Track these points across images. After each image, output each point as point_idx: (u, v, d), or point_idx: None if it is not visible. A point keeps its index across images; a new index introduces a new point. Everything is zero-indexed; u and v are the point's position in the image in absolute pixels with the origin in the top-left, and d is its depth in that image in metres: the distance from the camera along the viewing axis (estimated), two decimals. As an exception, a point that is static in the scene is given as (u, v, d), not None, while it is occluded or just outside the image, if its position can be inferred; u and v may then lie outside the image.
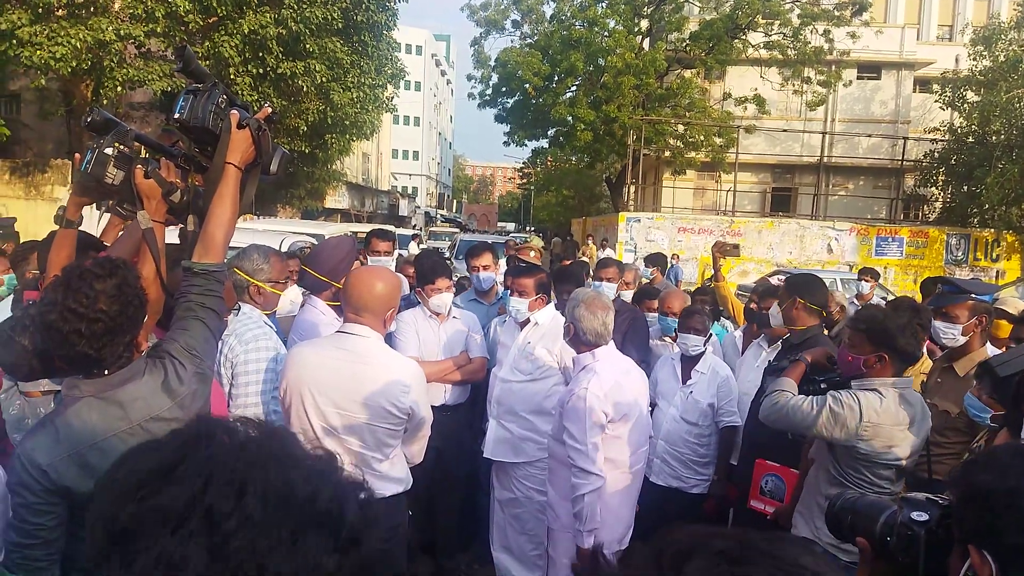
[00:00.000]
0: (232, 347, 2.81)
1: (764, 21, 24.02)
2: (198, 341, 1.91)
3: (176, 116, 2.06)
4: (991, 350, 3.75)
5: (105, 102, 14.40)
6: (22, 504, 1.67)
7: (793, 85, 24.41)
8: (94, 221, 3.00)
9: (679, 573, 0.59)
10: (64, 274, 1.72)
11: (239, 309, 2.84)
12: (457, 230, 38.78)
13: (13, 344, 2.12)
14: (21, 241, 5.04)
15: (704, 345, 4.16)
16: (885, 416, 2.63)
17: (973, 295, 3.59)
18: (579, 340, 3.22)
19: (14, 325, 2.14)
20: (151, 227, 2.21)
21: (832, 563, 1.25)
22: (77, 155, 2.27)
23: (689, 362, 4.19)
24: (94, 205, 2.76)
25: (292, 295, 3.20)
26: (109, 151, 2.15)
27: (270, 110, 2.13)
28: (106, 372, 1.76)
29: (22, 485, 1.67)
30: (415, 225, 46.51)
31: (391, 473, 2.66)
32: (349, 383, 2.57)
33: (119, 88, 13.47)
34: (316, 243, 10.11)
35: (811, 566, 0.60)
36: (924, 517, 1.20)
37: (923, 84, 27.89)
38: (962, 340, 3.44)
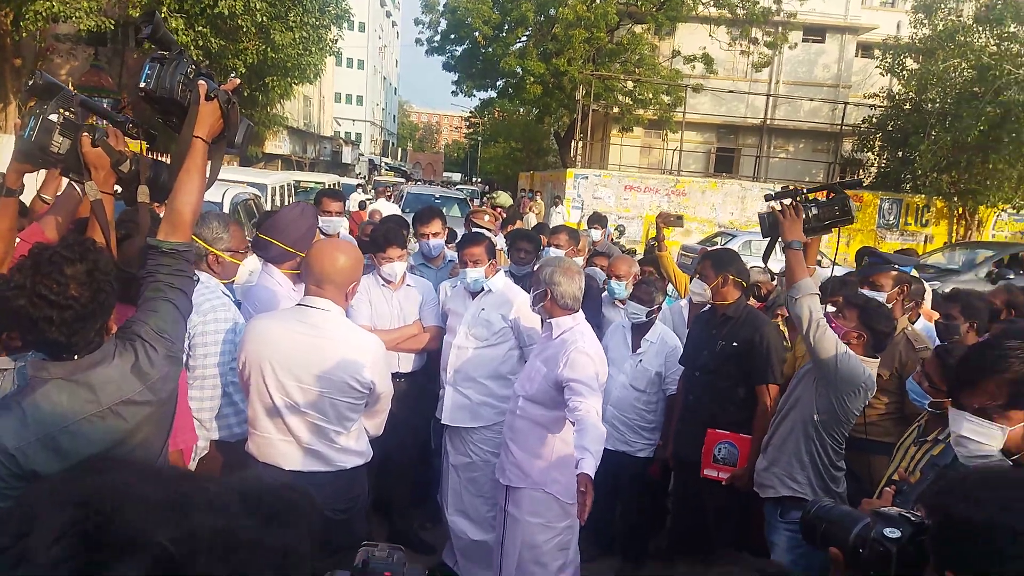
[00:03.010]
0: (190, 318, 2.74)
1: (715, -22, 24.00)
2: (168, 323, 1.87)
3: (142, 85, 1.98)
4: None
5: (25, 34, 13.49)
6: None
7: (740, 45, 24.59)
8: (31, 176, 2.87)
9: None
10: (32, 257, 1.64)
11: (197, 279, 2.77)
12: (402, 180, 38.10)
13: None
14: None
15: (648, 316, 4.26)
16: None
17: (896, 265, 3.84)
18: (556, 305, 3.30)
19: None
20: (99, 199, 2.12)
21: None
22: (18, 121, 2.15)
23: (639, 331, 4.30)
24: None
25: (251, 265, 3.14)
26: (54, 117, 2.04)
27: (238, 82, 2.06)
28: (75, 357, 1.71)
29: None
30: (359, 173, 45.51)
31: (352, 446, 2.67)
32: (310, 357, 2.56)
33: (39, 22, 12.60)
34: (258, 193, 9.88)
35: None
36: (896, 534, 1.25)
37: (865, 49, 28.42)
38: (887, 307, 3.65)
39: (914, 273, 4.97)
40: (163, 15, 13.21)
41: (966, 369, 1.96)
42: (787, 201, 3.27)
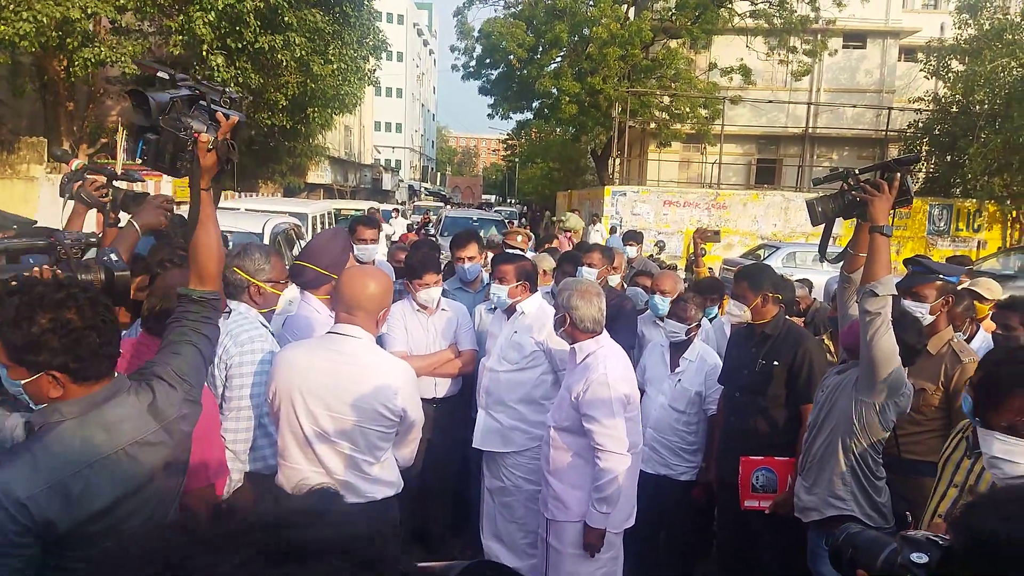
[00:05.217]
0: (227, 348, 2.75)
1: (750, -11, 23.82)
2: (189, 367, 1.88)
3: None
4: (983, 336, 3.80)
5: (73, 80, 14.08)
6: None
7: (779, 55, 24.25)
8: (59, 211, 3.02)
9: None
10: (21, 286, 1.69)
11: (228, 312, 2.79)
12: (441, 204, 38.52)
13: None
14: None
15: (685, 334, 4.15)
16: None
17: (941, 276, 3.66)
18: (576, 328, 3.24)
19: None
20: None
21: None
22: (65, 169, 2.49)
23: (677, 349, 4.19)
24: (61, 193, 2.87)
25: (291, 294, 3.16)
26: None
27: (236, 120, 2.02)
28: (88, 381, 1.69)
29: None
30: (400, 200, 46.19)
31: (382, 476, 2.64)
32: (340, 385, 2.54)
33: (88, 68, 13.12)
34: (299, 223, 10.05)
35: None
36: (924, 559, 1.20)
37: (908, 53, 27.85)
38: (930, 319, 3.48)
39: (986, 293, 4.63)
40: (204, 52, 13.59)
41: (990, 386, 1.84)
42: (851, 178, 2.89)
